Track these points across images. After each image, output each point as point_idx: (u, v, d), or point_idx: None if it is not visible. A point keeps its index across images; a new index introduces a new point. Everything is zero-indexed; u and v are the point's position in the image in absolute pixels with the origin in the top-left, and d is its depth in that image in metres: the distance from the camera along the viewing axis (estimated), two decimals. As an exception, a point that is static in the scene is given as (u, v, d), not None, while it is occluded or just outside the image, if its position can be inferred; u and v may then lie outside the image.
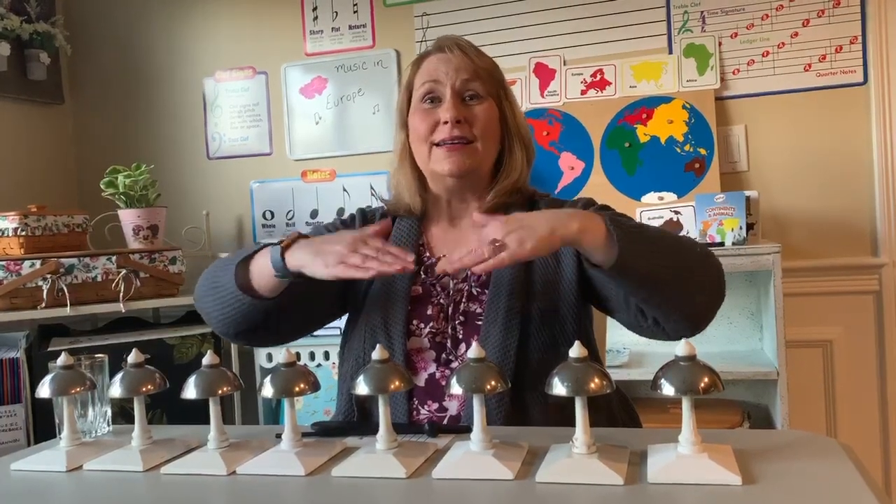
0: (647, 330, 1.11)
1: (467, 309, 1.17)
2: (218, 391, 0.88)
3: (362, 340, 1.18)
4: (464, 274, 1.19)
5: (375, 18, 2.70)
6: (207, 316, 1.20)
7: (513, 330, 1.11)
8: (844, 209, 2.32)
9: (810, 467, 0.76)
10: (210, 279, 1.18)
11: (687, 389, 0.73)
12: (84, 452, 0.94)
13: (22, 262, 2.14)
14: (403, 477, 0.79)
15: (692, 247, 1.10)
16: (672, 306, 1.05)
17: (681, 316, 1.06)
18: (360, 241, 1.05)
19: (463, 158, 1.18)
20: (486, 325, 1.13)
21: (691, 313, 1.07)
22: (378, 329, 1.17)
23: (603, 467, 0.75)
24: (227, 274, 1.14)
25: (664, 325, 1.07)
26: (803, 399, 2.30)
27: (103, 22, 2.98)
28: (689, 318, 1.07)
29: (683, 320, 1.06)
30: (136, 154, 2.81)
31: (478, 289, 1.18)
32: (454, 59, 1.22)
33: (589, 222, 1.00)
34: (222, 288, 1.15)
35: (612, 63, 2.46)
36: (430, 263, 1.23)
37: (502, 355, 1.09)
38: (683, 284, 1.04)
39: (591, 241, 1.00)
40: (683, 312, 1.06)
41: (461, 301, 1.17)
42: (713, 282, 1.08)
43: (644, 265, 1.00)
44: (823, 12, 2.31)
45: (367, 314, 1.20)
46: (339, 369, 1.26)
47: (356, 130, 2.71)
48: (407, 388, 0.85)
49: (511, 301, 1.13)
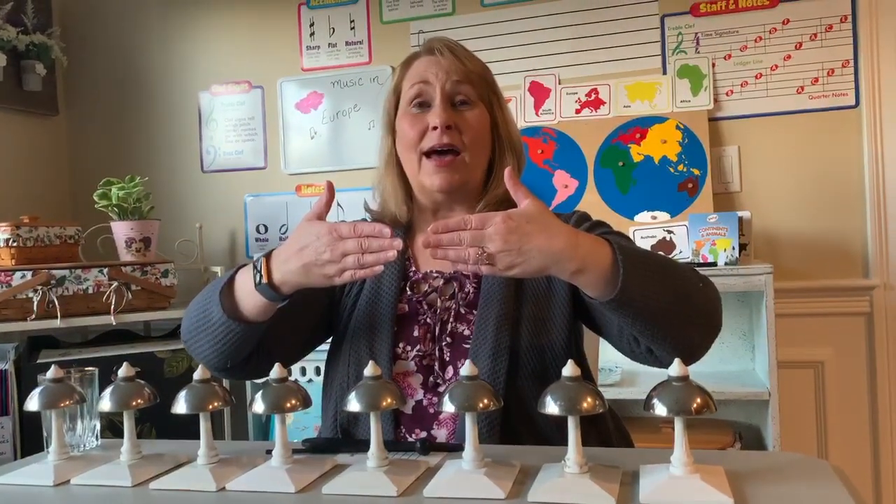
0: (640, 356, 1.07)
1: (455, 330, 1.13)
2: (208, 406, 0.87)
3: (347, 364, 1.14)
4: (451, 291, 1.16)
5: (372, 35, 2.71)
6: (200, 354, 1.12)
7: (502, 357, 1.07)
8: (836, 231, 2.33)
9: (802, 489, 0.75)
10: (195, 316, 1.12)
11: (679, 410, 0.73)
12: (72, 467, 0.93)
13: (13, 272, 2.13)
14: (394, 495, 0.79)
15: (693, 278, 1.03)
16: (669, 339, 1.00)
17: (676, 348, 1.00)
18: (334, 242, 0.99)
19: (452, 174, 1.15)
20: (473, 349, 1.09)
21: (688, 346, 1.02)
22: (363, 353, 1.12)
23: (595, 487, 0.74)
24: (212, 306, 1.08)
25: (658, 355, 1.03)
26: (795, 420, 2.31)
27: (100, 34, 2.99)
28: (685, 351, 1.01)
29: (678, 353, 1.00)
30: (130, 166, 2.81)
31: (465, 308, 1.15)
32: (444, 62, 1.18)
33: (592, 259, 0.94)
34: (211, 321, 1.08)
35: (607, 83, 2.48)
36: (415, 279, 1.19)
37: (493, 377, 1.06)
38: (682, 319, 1.00)
39: (588, 282, 0.95)
40: (680, 345, 1.01)
41: (448, 320, 1.13)
42: (711, 315, 1.03)
43: (644, 300, 0.95)
44: (816, 36, 2.34)
45: (351, 338, 1.15)
46: (323, 392, 1.21)
47: (351, 146, 2.72)
48: (400, 405, 0.84)
49: (500, 328, 1.09)
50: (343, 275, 0.99)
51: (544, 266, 0.93)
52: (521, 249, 0.92)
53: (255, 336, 1.10)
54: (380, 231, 0.97)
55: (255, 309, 1.06)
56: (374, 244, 0.97)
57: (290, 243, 1.04)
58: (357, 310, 1.18)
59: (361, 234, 0.98)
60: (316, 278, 1.01)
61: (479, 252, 0.92)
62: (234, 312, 1.07)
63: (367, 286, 1.19)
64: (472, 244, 0.92)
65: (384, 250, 0.97)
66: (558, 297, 1.14)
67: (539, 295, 1.14)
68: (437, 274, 1.19)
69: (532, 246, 0.92)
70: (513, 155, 1.22)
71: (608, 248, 0.95)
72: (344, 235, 0.98)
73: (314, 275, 1.01)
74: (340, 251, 0.98)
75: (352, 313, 1.19)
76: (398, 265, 1.19)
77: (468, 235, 0.93)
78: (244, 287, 1.06)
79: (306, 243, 1.01)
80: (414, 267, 1.21)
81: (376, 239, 0.97)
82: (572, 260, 0.93)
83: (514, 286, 1.14)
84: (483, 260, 0.92)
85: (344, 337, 1.18)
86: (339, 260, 0.98)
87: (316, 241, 1.00)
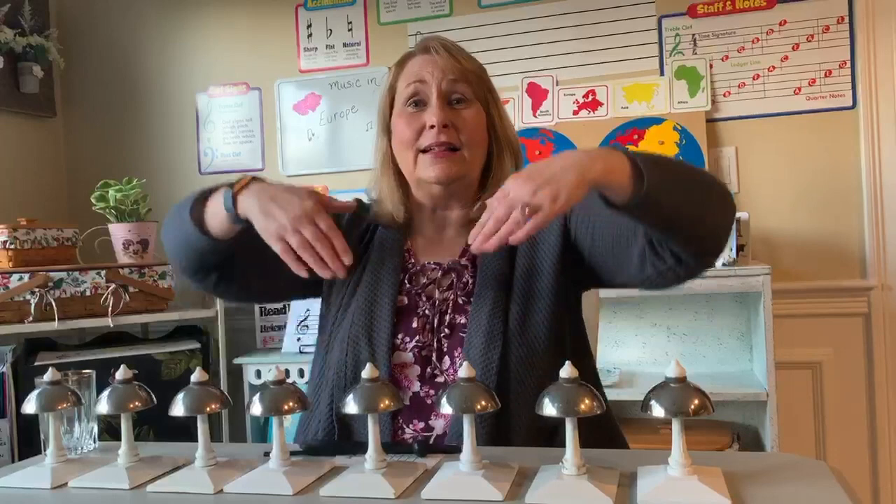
0: (666, 273, 1.05)
1: (453, 321, 1.13)
2: (206, 409, 0.87)
3: (344, 353, 1.13)
4: (449, 282, 1.17)
5: (370, 36, 2.71)
6: (168, 249, 1.19)
7: (495, 344, 1.07)
8: (834, 232, 2.34)
9: (800, 491, 0.75)
10: (174, 211, 1.17)
11: (677, 411, 0.73)
12: (69, 469, 0.92)
13: (10, 275, 2.12)
14: (392, 497, 0.79)
15: (702, 169, 1.10)
16: (699, 226, 1.01)
17: (707, 234, 1.03)
18: (305, 218, 1.04)
19: (450, 165, 1.14)
20: (468, 337, 1.10)
21: (715, 228, 1.04)
22: (362, 344, 1.12)
23: (593, 489, 0.74)
24: (185, 209, 1.12)
25: (685, 258, 1.02)
26: (792, 420, 2.31)
27: (97, 36, 2.99)
28: (714, 235, 1.04)
29: (709, 239, 1.04)
30: (127, 168, 2.81)
31: (463, 298, 1.14)
32: (440, 61, 1.17)
33: (612, 159, 0.95)
34: (181, 222, 1.13)
35: (605, 84, 2.48)
36: (414, 271, 1.19)
37: (484, 368, 1.06)
38: (706, 197, 1.02)
39: (618, 180, 0.94)
40: (710, 229, 1.03)
41: (447, 312, 1.14)
42: (727, 193, 1.07)
43: (670, 193, 0.96)
44: (813, 37, 2.34)
45: (349, 327, 1.15)
46: (317, 379, 1.20)
47: (349, 147, 2.72)
48: (397, 407, 0.84)
49: (494, 315, 1.09)
50: (278, 243, 1.04)
51: (579, 174, 0.92)
52: (548, 180, 0.92)
53: (213, 251, 1.14)
54: (342, 250, 1.04)
55: (215, 221, 1.11)
56: (325, 251, 1.03)
57: (276, 187, 1.09)
58: (356, 299, 1.18)
59: (326, 236, 1.04)
60: (261, 224, 1.05)
61: (521, 211, 0.91)
62: (201, 222, 1.12)
63: (367, 277, 1.19)
64: (509, 211, 0.93)
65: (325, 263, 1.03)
66: (545, 275, 1.13)
67: (530, 285, 1.14)
68: (436, 265, 1.19)
69: (553, 170, 0.93)
70: (510, 154, 1.22)
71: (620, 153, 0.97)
72: (315, 222, 1.04)
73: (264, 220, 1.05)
74: (299, 226, 1.03)
75: (350, 302, 1.18)
76: (397, 258, 1.19)
77: (501, 208, 0.93)
78: (215, 201, 1.11)
79: (286, 198, 1.06)
80: (413, 260, 1.21)
81: (330, 251, 1.04)
82: (594, 160, 0.94)
83: (508, 271, 1.14)
84: (527, 212, 0.91)
85: (341, 324, 1.18)
86: (291, 230, 1.03)
87: (294, 203, 1.05)
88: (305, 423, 1.19)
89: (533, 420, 1.05)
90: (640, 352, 2.41)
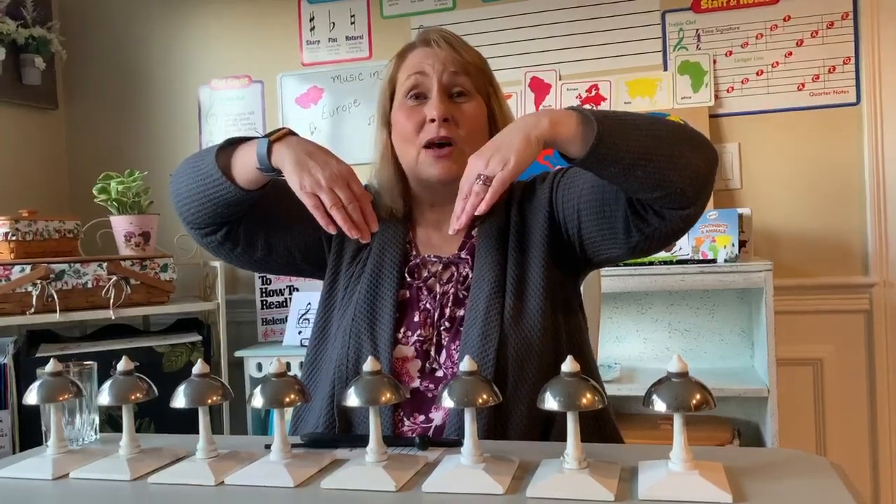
0: (650, 236, 1.05)
1: (453, 314, 1.14)
2: (207, 401, 0.87)
3: (346, 347, 1.13)
4: (449, 274, 1.17)
5: (372, 30, 2.71)
6: (179, 201, 1.16)
7: (491, 335, 1.08)
8: (836, 228, 2.33)
9: (801, 486, 0.75)
10: (191, 160, 1.15)
11: (679, 406, 0.73)
12: (71, 460, 0.93)
13: (12, 266, 2.12)
14: (393, 490, 0.79)
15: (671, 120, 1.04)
16: (671, 174, 0.97)
17: (684, 183, 0.98)
18: (340, 179, 1.04)
19: (451, 164, 1.14)
20: (466, 329, 1.10)
21: (693, 174, 0.99)
22: (364, 338, 1.12)
23: (594, 483, 0.74)
24: (209, 155, 1.11)
25: (667, 214, 1.01)
26: (793, 417, 2.31)
27: (99, 27, 2.98)
28: (693, 181, 0.99)
29: (687, 187, 0.99)
30: (129, 160, 2.81)
31: (464, 292, 1.15)
32: (441, 53, 1.16)
33: (557, 115, 0.98)
34: (201, 170, 1.11)
35: (608, 79, 2.48)
36: (415, 264, 1.19)
37: (481, 362, 1.06)
38: (675, 146, 0.99)
39: (567, 132, 0.97)
40: (684, 176, 0.98)
41: (447, 305, 1.14)
42: (699, 138, 1.03)
43: (628, 138, 0.96)
44: (817, 33, 2.33)
45: (351, 319, 1.15)
46: (316, 371, 1.20)
47: (351, 141, 2.72)
48: (399, 400, 0.84)
49: (490, 306, 1.10)
50: (310, 198, 1.03)
51: (524, 134, 0.97)
52: (497, 147, 0.98)
53: (234, 203, 1.13)
54: (370, 217, 1.05)
55: (243, 171, 1.10)
56: (356, 214, 1.04)
57: (314, 144, 1.09)
58: (358, 291, 1.17)
59: (360, 200, 1.05)
60: (296, 176, 1.04)
61: (479, 183, 0.97)
62: (226, 170, 1.11)
63: (370, 268, 1.19)
64: (470, 186, 0.98)
65: (359, 224, 1.04)
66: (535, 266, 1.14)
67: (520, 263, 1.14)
68: (436, 259, 1.20)
69: (502, 139, 0.99)
70: None
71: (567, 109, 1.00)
72: (350, 186, 1.04)
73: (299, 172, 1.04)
74: (333, 185, 1.03)
75: (353, 292, 1.18)
76: (399, 251, 1.19)
77: (464, 186, 0.99)
78: (244, 150, 1.11)
79: (323, 157, 1.06)
80: (414, 252, 1.22)
81: (360, 214, 1.04)
82: (539, 118, 0.98)
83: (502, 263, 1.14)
84: (484, 182, 0.97)
85: (343, 315, 1.17)
86: (326, 188, 1.03)
87: (332, 163, 1.05)
88: (300, 413, 1.19)
89: (530, 413, 1.05)
90: (641, 347, 2.41)
